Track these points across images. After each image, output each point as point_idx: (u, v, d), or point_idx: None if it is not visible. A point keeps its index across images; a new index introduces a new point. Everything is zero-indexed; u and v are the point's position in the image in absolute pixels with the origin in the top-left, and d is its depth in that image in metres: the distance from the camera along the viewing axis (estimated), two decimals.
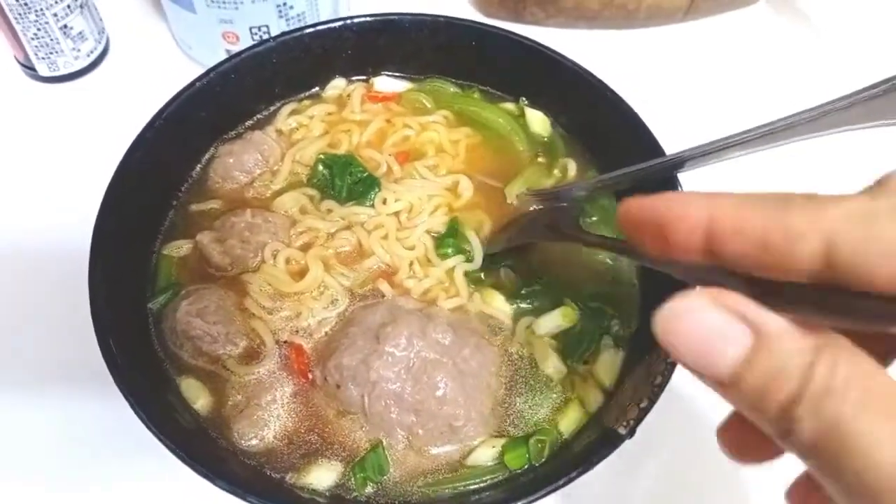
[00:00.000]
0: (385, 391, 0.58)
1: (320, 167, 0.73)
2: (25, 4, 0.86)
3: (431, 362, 0.59)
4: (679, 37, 1.05)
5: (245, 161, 0.72)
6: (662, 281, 0.63)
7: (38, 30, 0.89)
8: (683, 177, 0.62)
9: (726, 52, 1.04)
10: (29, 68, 0.95)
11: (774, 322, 0.31)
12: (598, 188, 0.69)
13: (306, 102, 0.79)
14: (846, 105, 0.47)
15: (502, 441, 0.61)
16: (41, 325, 0.75)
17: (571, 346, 0.65)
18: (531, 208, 0.72)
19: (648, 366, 0.59)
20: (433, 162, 0.75)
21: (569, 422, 0.61)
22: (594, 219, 0.70)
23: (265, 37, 0.90)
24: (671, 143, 0.67)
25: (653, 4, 1.00)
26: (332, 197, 0.72)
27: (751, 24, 1.07)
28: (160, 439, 0.52)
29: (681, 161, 0.57)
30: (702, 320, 0.32)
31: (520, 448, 0.60)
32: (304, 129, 0.77)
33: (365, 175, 0.72)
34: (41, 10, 0.87)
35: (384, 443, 0.60)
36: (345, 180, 0.71)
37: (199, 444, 0.58)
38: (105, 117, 0.91)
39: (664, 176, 0.62)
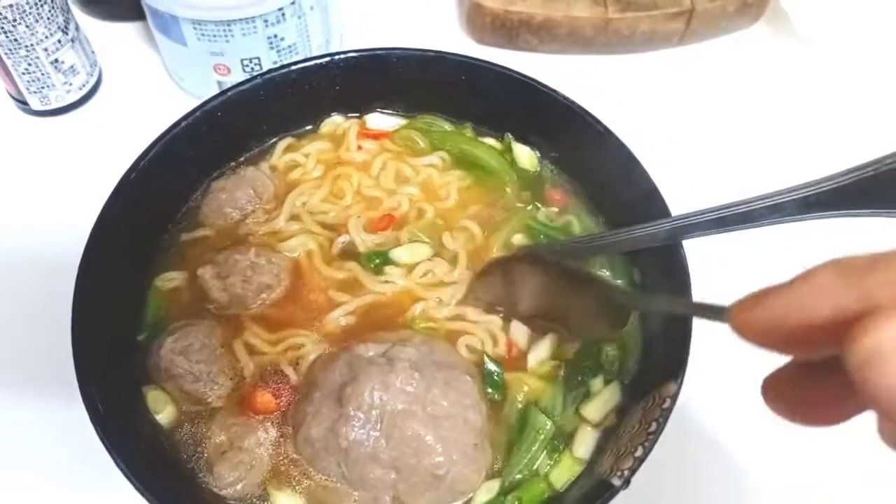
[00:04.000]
0: (360, 455, 0.56)
1: None
2: (15, 40, 0.86)
3: (401, 414, 0.57)
4: (675, 61, 1.04)
5: (238, 198, 0.72)
6: (666, 322, 0.64)
7: (29, 64, 0.89)
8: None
9: (724, 76, 1.02)
10: (21, 102, 0.94)
11: None
12: (594, 247, 0.68)
13: (303, 140, 0.78)
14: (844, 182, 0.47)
15: (497, 483, 0.59)
16: (25, 365, 0.73)
17: (567, 383, 0.64)
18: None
19: (644, 412, 0.57)
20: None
21: (561, 472, 0.60)
22: None
23: (256, 69, 0.90)
24: (669, 177, 0.66)
25: (648, 30, 0.99)
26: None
27: (748, 46, 1.06)
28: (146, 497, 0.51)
29: (689, 226, 0.58)
30: None
31: None
32: (300, 168, 0.76)
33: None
34: (31, 45, 0.87)
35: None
36: None
37: (186, 498, 0.58)
38: (98, 150, 0.90)
39: (669, 240, 0.61)
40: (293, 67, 0.72)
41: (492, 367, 0.64)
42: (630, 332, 0.67)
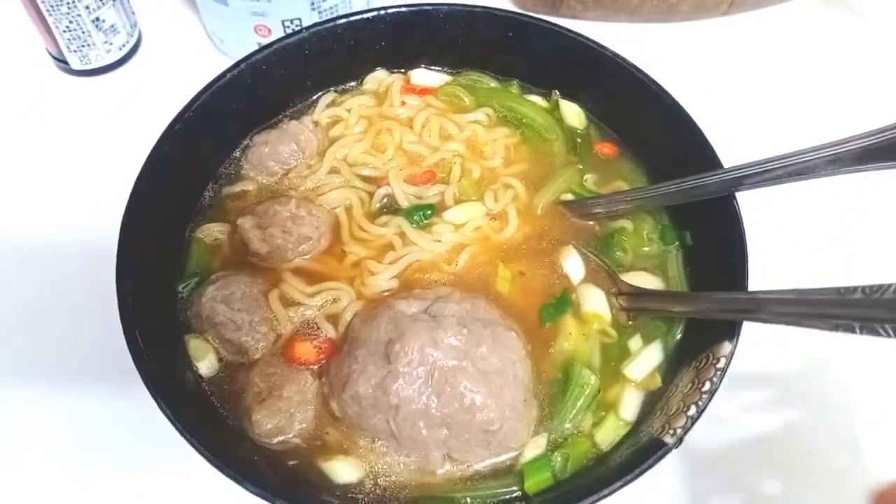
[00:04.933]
0: (410, 412, 0.55)
1: None
2: None
3: (451, 370, 0.55)
4: (723, 31, 1.01)
5: (281, 151, 0.71)
6: (712, 283, 0.63)
7: (70, 22, 0.89)
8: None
9: (771, 46, 1.00)
10: (61, 61, 0.94)
11: None
12: (641, 200, 0.67)
13: (345, 95, 0.77)
14: None
15: (545, 439, 0.58)
16: (74, 314, 0.73)
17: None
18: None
19: (697, 371, 0.56)
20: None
21: (605, 432, 0.59)
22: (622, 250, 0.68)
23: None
24: (716, 143, 0.64)
25: None
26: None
27: (796, 17, 1.03)
28: (188, 440, 0.51)
29: (740, 178, 0.57)
30: None
31: (542, 472, 0.56)
32: (342, 123, 0.75)
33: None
34: (73, 2, 0.87)
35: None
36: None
37: (228, 445, 0.57)
38: (137, 110, 0.90)
39: (720, 193, 0.60)
40: (339, 21, 0.71)
41: (567, 293, 0.65)
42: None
